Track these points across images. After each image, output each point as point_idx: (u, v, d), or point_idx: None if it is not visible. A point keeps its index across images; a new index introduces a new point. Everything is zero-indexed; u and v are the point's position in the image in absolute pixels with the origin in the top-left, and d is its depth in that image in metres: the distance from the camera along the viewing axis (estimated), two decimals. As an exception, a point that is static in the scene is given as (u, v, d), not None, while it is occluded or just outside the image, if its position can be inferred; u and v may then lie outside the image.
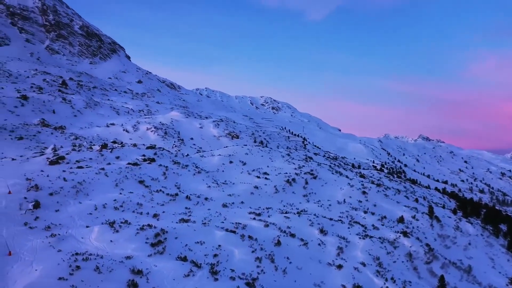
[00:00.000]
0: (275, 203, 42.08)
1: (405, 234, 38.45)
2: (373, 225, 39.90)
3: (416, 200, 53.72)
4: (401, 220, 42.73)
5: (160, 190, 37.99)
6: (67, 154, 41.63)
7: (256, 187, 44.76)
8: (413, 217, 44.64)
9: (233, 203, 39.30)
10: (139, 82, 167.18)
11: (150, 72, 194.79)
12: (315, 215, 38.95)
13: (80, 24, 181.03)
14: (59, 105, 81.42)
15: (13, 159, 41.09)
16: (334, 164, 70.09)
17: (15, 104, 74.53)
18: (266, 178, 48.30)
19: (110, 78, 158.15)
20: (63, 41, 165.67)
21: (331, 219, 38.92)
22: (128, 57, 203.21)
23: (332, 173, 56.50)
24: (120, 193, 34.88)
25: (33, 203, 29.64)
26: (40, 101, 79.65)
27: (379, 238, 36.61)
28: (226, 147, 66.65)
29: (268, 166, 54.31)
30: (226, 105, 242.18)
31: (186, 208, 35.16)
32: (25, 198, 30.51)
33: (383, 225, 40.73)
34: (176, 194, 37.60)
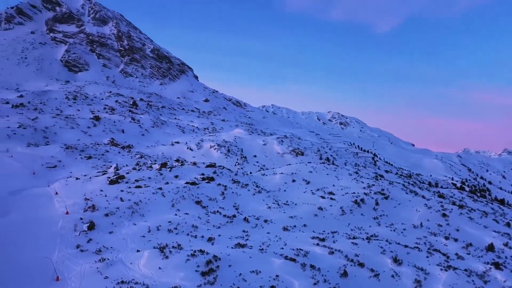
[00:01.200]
0: (341, 227, 38.25)
1: (496, 265, 32.61)
2: (456, 254, 34.48)
3: (508, 225, 46.63)
4: (490, 248, 36.68)
5: (217, 211, 36.05)
6: (127, 173, 41.44)
7: (320, 209, 41.28)
8: (506, 244, 38.24)
9: (294, 226, 36.21)
10: (206, 100, 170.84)
11: (216, 91, 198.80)
12: (387, 241, 34.55)
13: (151, 48, 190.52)
14: (128, 125, 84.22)
15: (77, 178, 41.73)
16: (408, 183, 64.14)
17: (88, 124, 78.12)
18: (331, 199, 44.61)
19: (178, 97, 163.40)
20: (136, 64, 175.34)
21: (406, 246, 34.24)
22: (196, 77, 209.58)
23: (406, 193, 51.20)
24: (176, 214, 33.43)
25: (88, 224, 29.00)
26: (111, 121, 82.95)
27: (465, 270, 31.29)
28: (289, 164, 63.82)
29: (334, 185, 50.50)
30: (292, 122, 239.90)
31: (243, 231, 32.75)
32: (81, 218, 30.05)
33: (468, 254, 35.10)
34: (234, 216, 35.39)
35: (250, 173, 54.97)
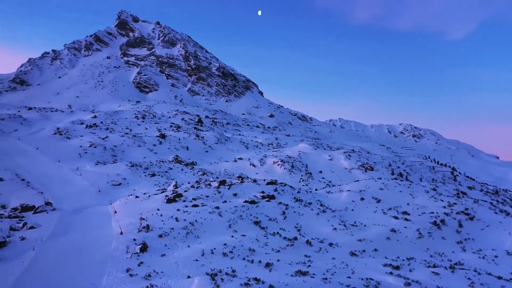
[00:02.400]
0: (418, 252, 33.54)
1: None
2: None
3: None
4: None
5: (277, 232, 33.24)
6: (185, 191, 40.22)
7: (393, 231, 36.78)
8: None
9: (363, 251, 32.27)
10: (271, 116, 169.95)
11: (282, 106, 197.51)
12: (475, 270, 29.39)
13: (217, 66, 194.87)
14: (192, 142, 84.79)
15: (136, 197, 41.33)
16: (497, 201, 56.59)
17: (154, 142, 79.66)
18: (406, 219, 39.80)
19: (243, 113, 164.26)
20: (202, 82, 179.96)
21: (499, 277, 28.84)
22: (261, 93, 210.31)
23: (496, 212, 44.59)
24: (232, 236, 31.15)
25: (140, 246, 27.64)
26: (176, 139, 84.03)
27: None
28: (358, 180, 59.33)
29: (408, 204, 45.41)
30: (361, 135, 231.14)
31: (305, 256, 29.56)
32: (134, 240, 28.83)
33: None
34: (295, 238, 32.34)
35: (316, 190, 51.56)
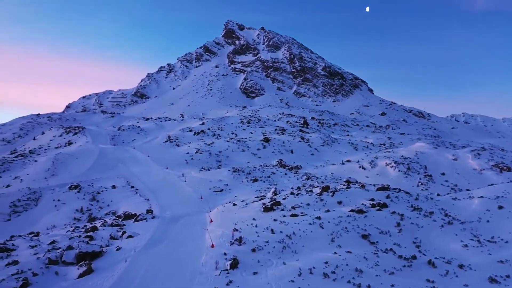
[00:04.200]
0: None
1: None
2: None
3: None
4: None
5: (391, 249, 27.71)
6: (284, 198, 36.80)
7: (548, 250, 28.39)
8: None
9: (507, 276, 25.03)
10: (383, 114, 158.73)
11: (394, 103, 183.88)
12: None
13: (322, 66, 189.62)
14: (297, 145, 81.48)
15: (234, 204, 39.16)
16: None
17: (258, 146, 78.20)
18: None
19: (352, 113, 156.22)
20: (308, 84, 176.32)
21: None
22: (371, 91, 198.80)
23: None
24: (335, 253, 26.61)
25: (231, 261, 24.81)
26: (280, 142, 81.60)
27: None
28: (492, 184, 49.55)
29: None
30: (491, 130, 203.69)
31: (428, 281, 23.70)
32: (225, 254, 26.15)
33: None
34: (414, 257, 26.50)
35: (438, 195, 43.97)
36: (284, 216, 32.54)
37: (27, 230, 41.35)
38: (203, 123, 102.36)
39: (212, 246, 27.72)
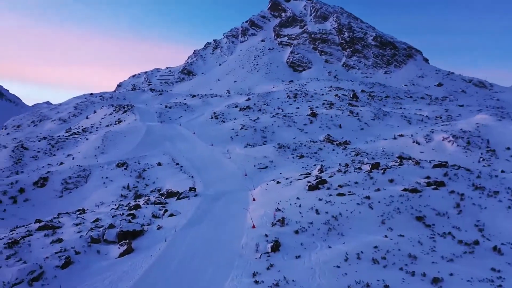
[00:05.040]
0: None
1: None
2: None
3: None
4: None
5: (449, 233, 25.05)
6: (330, 176, 34.68)
7: None
8: None
9: None
10: (439, 85, 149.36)
11: (452, 73, 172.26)
12: None
13: (373, 36, 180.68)
14: (345, 119, 78.09)
15: (277, 182, 37.59)
16: None
17: (304, 121, 75.79)
18: None
19: (405, 85, 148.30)
20: (357, 55, 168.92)
21: None
22: (426, 60, 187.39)
23: None
24: (386, 236, 24.40)
25: (272, 244, 23.42)
26: (327, 117, 78.60)
27: None
28: None
29: None
30: None
31: (492, 269, 21.02)
32: (266, 235, 24.75)
33: None
34: (476, 242, 23.75)
35: (503, 172, 39.94)
36: (330, 195, 30.53)
37: (76, 206, 42.36)
38: (248, 99, 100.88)
39: (253, 226, 26.45)
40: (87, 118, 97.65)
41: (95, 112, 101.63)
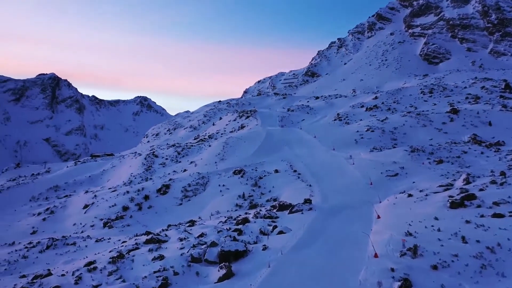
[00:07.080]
0: None
1: None
2: None
3: None
4: None
5: None
6: (480, 189, 26.97)
7: None
8: None
9: None
10: None
11: None
12: None
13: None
14: (497, 115, 65.16)
15: (409, 195, 30.96)
16: None
17: (443, 120, 65.49)
18: None
19: None
20: (509, 39, 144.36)
21: None
22: None
23: None
24: None
25: (400, 283, 17.82)
26: (473, 113, 66.68)
27: None
28: None
29: None
30: None
31: None
32: (392, 270, 19.08)
33: None
34: None
35: None
36: (482, 216, 23.17)
37: (193, 215, 41.81)
38: (376, 97, 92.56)
39: (376, 255, 20.99)
40: (213, 124, 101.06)
41: (220, 118, 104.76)
